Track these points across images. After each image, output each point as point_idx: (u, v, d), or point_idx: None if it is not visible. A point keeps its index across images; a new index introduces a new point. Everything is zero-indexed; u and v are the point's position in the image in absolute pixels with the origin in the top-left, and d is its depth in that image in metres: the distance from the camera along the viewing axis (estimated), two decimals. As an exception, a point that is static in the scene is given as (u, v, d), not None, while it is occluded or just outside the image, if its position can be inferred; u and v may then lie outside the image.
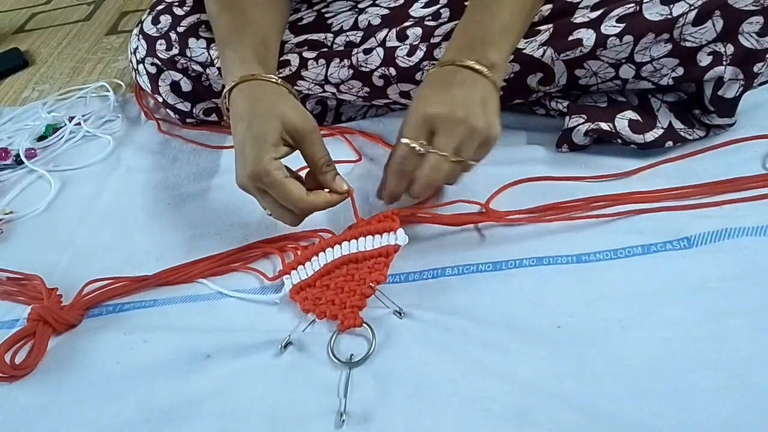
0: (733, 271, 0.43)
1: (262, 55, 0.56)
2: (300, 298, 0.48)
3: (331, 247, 0.51)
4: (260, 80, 0.52)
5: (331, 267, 0.49)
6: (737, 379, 0.37)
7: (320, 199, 0.50)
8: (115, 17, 1.18)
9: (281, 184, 0.48)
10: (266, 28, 0.60)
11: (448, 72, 0.50)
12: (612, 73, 0.55)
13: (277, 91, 0.52)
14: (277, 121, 0.48)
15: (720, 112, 0.54)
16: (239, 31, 0.57)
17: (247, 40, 0.56)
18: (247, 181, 0.49)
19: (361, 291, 0.47)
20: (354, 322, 0.45)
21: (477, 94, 0.48)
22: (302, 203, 0.49)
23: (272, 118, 0.49)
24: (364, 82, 0.62)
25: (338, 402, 0.41)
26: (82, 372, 0.48)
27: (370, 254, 0.49)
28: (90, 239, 0.62)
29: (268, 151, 0.47)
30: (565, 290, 0.45)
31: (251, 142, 0.48)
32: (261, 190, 0.49)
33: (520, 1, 0.52)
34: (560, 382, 0.39)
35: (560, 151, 0.58)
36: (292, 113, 0.49)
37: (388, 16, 0.65)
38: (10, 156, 0.77)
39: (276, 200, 0.49)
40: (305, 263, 0.51)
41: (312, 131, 0.50)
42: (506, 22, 0.51)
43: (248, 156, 0.48)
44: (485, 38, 0.51)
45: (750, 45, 0.50)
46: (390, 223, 0.50)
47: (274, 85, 0.52)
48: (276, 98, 0.51)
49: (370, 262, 0.49)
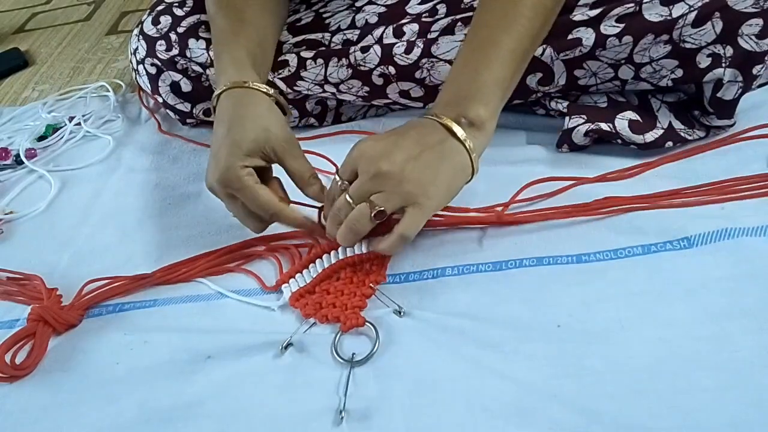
0: (733, 271, 0.43)
1: (257, 59, 0.56)
2: (300, 305, 0.49)
3: (328, 253, 0.51)
4: (250, 89, 0.52)
5: (330, 272, 0.50)
6: (737, 379, 0.37)
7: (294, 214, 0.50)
8: (115, 17, 1.18)
9: (251, 189, 0.48)
10: (263, 29, 0.60)
11: (419, 123, 0.47)
12: (611, 73, 0.55)
13: (265, 103, 0.52)
14: (258, 133, 0.49)
15: (719, 114, 0.54)
16: (236, 32, 0.57)
17: (242, 42, 0.57)
18: (216, 185, 0.49)
19: (361, 292, 0.47)
20: (357, 322, 0.45)
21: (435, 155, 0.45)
22: (271, 209, 0.49)
23: (253, 129, 0.49)
24: (363, 82, 0.62)
25: (338, 401, 0.41)
26: (83, 372, 0.48)
27: (367, 256, 0.49)
28: (90, 239, 0.62)
29: (241, 159, 0.48)
30: (565, 290, 0.45)
31: (227, 148, 0.49)
32: (230, 195, 0.49)
33: (512, 51, 0.48)
34: (560, 382, 0.40)
35: (560, 151, 0.58)
36: (275, 128, 0.50)
37: (385, 14, 0.65)
38: (10, 156, 0.77)
39: (244, 206, 0.49)
40: (303, 271, 0.51)
41: (294, 146, 0.50)
42: (498, 70, 0.47)
43: (221, 160, 0.48)
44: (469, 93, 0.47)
45: (749, 47, 0.50)
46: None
47: (264, 96, 0.52)
48: (262, 110, 0.51)
49: (368, 264, 0.49)
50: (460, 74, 0.49)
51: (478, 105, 0.47)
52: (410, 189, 0.44)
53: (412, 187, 0.44)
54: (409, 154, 0.44)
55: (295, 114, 0.69)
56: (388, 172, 0.43)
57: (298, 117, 0.69)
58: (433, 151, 0.45)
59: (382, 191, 0.44)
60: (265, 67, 0.59)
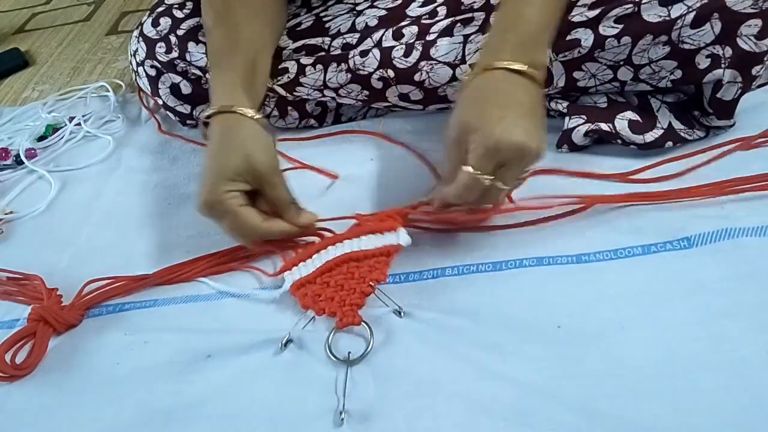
0: (733, 271, 0.44)
1: (249, 79, 0.56)
2: (300, 294, 0.49)
3: (332, 245, 0.51)
4: (237, 114, 0.52)
5: (332, 264, 0.49)
6: (737, 379, 0.37)
7: (276, 227, 0.51)
8: (116, 17, 1.18)
9: (234, 213, 0.49)
10: (258, 45, 0.59)
11: (507, 83, 0.46)
12: (610, 75, 0.55)
13: (250, 129, 0.52)
14: (240, 160, 0.49)
15: (719, 114, 0.54)
16: (230, 49, 0.57)
17: (236, 61, 0.56)
18: (202, 209, 0.50)
19: (360, 289, 0.47)
20: (352, 320, 0.45)
21: (538, 110, 0.46)
22: (257, 231, 0.50)
23: (236, 156, 0.49)
24: (362, 86, 0.62)
25: (338, 401, 0.41)
26: (83, 372, 0.48)
27: (371, 253, 0.49)
28: (90, 239, 0.62)
29: (224, 184, 0.49)
30: (565, 290, 0.45)
31: (211, 173, 0.49)
32: (216, 218, 0.50)
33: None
34: (560, 383, 0.40)
35: (560, 152, 0.58)
36: (258, 154, 0.50)
37: (386, 17, 0.65)
38: (10, 156, 0.77)
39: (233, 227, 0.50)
40: (306, 260, 0.51)
41: (275, 174, 0.51)
42: (546, 20, 0.49)
43: (205, 185, 0.49)
44: (534, 36, 0.48)
45: (748, 48, 0.50)
46: (392, 223, 0.50)
47: (250, 121, 0.52)
48: (246, 136, 0.51)
49: (371, 260, 0.49)
50: (517, 17, 0.48)
51: (542, 49, 0.48)
52: (542, 151, 0.45)
53: (543, 150, 0.45)
54: (530, 120, 0.45)
55: (294, 115, 0.69)
56: (535, 150, 0.44)
57: (298, 118, 0.69)
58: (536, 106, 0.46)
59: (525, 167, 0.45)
60: (259, 84, 0.59)
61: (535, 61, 0.46)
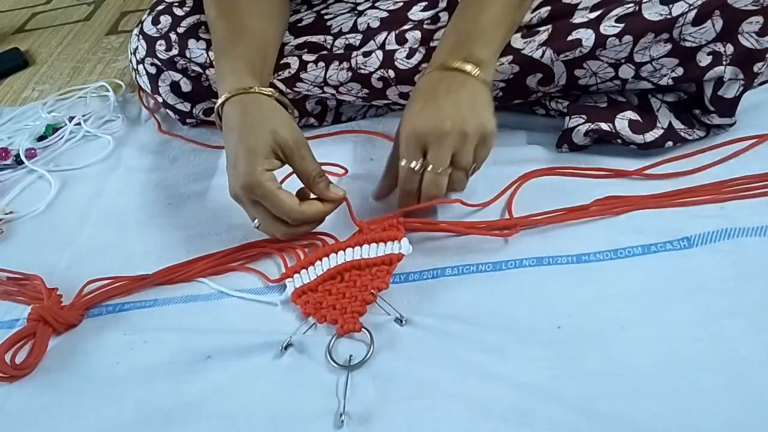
0: (733, 271, 0.43)
1: (257, 66, 0.56)
2: (301, 302, 0.49)
3: (335, 253, 0.51)
4: (253, 93, 0.52)
5: (334, 272, 0.50)
6: (737, 379, 0.37)
7: (313, 209, 0.51)
8: (115, 17, 1.18)
9: (274, 195, 0.48)
10: (263, 35, 0.60)
11: (435, 80, 0.50)
12: (611, 73, 0.55)
13: (270, 106, 0.52)
14: (268, 135, 0.49)
15: (720, 112, 0.54)
16: (235, 39, 0.57)
17: (242, 50, 0.56)
18: (240, 192, 0.49)
19: (362, 297, 0.47)
20: (353, 327, 0.45)
21: (465, 98, 0.49)
22: (295, 213, 0.49)
23: (263, 132, 0.49)
24: (363, 84, 0.62)
25: (338, 404, 0.41)
26: (83, 372, 0.48)
27: (373, 262, 0.49)
28: (90, 239, 0.62)
29: (260, 164, 0.48)
30: (565, 290, 0.45)
31: (243, 155, 0.49)
32: (253, 202, 0.50)
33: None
34: (560, 383, 0.39)
35: (560, 151, 0.58)
36: (282, 129, 0.50)
37: (387, 19, 0.65)
38: (10, 156, 0.77)
39: (268, 212, 0.49)
40: (308, 267, 0.51)
41: (302, 146, 0.50)
42: (494, 17, 0.52)
43: (241, 168, 0.49)
44: (471, 35, 0.51)
45: (750, 45, 0.50)
46: (395, 232, 0.50)
47: (267, 99, 0.52)
48: (268, 113, 0.51)
49: (373, 269, 0.49)
50: (461, 20, 0.54)
51: (481, 46, 0.51)
52: (473, 128, 0.47)
53: (474, 127, 0.47)
54: (453, 104, 0.48)
55: (294, 114, 0.69)
56: (451, 129, 0.47)
57: (298, 117, 0.69)
58: (461, 92, 0.49)
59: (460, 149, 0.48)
60: (266, 73, 0.59)
61: (470, 56, 0.50)
